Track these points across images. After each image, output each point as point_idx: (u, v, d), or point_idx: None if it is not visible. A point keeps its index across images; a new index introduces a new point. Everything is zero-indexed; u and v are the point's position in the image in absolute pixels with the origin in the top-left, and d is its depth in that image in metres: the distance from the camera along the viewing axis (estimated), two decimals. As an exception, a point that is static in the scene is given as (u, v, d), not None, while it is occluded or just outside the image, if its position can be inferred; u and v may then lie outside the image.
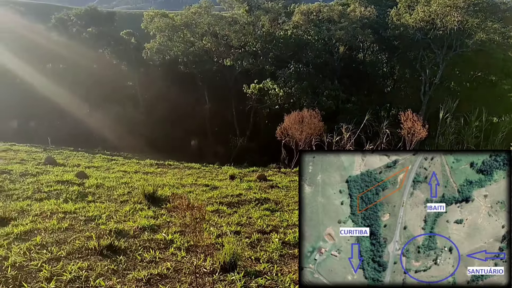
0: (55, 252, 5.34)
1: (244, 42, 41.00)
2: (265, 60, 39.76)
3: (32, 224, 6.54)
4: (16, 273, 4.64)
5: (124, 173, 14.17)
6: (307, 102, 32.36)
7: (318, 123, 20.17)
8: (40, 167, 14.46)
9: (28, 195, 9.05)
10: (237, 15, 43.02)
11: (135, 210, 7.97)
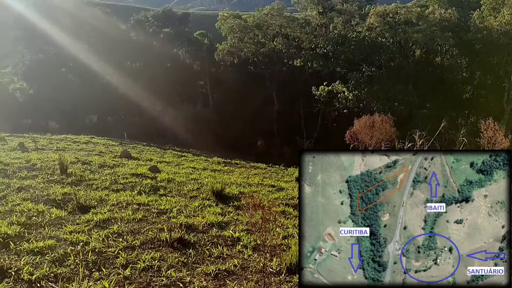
0: (130, 241, 5.55)
1: (315, 44, 40.68)
2: (336, 62, 39.17)
3: (109, 213, 6.86)
4: (96, 258, 4.87)
5: (193, 170, 14.56)
6: (378, 107, 31.39)
7: (390, 128, 19.46)
8: (116, 160, 15.21)
9: (106, 185, 9.54)
10: (309, 17, 42.79)
11: (204, 206, 8.10)
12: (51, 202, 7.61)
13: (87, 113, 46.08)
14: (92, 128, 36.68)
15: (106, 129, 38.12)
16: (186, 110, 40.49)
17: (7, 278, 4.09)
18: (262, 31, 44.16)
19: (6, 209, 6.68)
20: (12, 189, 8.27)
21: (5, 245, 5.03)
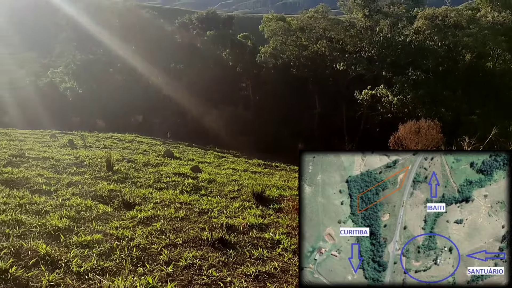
0: (172, 238, 5.64)
1: (359, 47, 40.09)
2: (381, 66, 38.42)
3: (153, 211, 7.00)
4: (140, 253, 4.97)
5: (233, 171, 14.65)
6: (424, 112, 30.50)
7: (436, 135, 18.88)
8: (159, 159, 15.54)
9: (150, 184, 9.76)
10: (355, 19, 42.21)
11: (244, 208, 8.12)
12: (98, 198, 7.86)
13: (132, 112, 47.41)
14: (136, 127, 37.72)
15: (150, 128, 39.06)
16: (227, 111, 40.87)
17: (58, 269, 4.24)
18: (305, 33, 43.97)
19: (57, 203, 6.94)
20: (62, 184, 8.60)
21: (56, 237, 5.22)
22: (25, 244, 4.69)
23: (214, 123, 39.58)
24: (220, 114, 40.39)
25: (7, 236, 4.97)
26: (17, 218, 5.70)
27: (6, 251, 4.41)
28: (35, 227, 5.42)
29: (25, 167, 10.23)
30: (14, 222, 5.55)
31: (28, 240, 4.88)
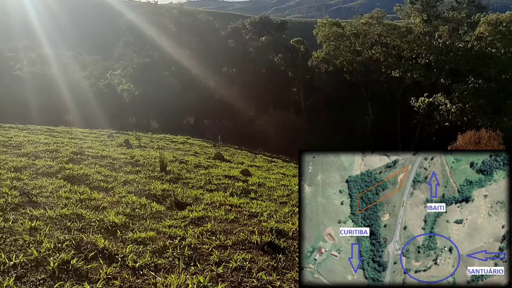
0: (222, 240, 5.70)
1: (416, 53, 38.92)
2: (439, 73, 37.06)
3: (204, 212, 7.12)
4: (191, 253, 5.07)
5: (283, 176, 14.63)
6: (484, 122, 29.08)
7: (498, 146, 17.97)
8: (210, 161, 15.81)
9: (201, 185, 9.94)
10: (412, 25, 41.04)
11: (294, 213, 8.07)
12: (152, 197, 8.10)
13: (185, 114, 48.57)
14: (188, 129, 38.64)
15: (201, 131, 39.92)
16: (278, 116, 40.98)
17: (115, 263, 4.40)
18: (360, 39, 43.27)
19: (114, 200, 7.21)
20: (118, 182, 8.94)
21: (113, 232, 5.43)
22: (85, 237, 4.91)
23: (264, 127, 39.78)
24: (270, 119, 40.55)
25: (69, 229, 5.23)
26: (77, 212, 5.98)
27: (68, 243, 4.63)
28: (94, 222, 5.66)
29: (85, 164, 10.71)
30: (75, 216, 5.82)
31: (87, 234, 5.10)
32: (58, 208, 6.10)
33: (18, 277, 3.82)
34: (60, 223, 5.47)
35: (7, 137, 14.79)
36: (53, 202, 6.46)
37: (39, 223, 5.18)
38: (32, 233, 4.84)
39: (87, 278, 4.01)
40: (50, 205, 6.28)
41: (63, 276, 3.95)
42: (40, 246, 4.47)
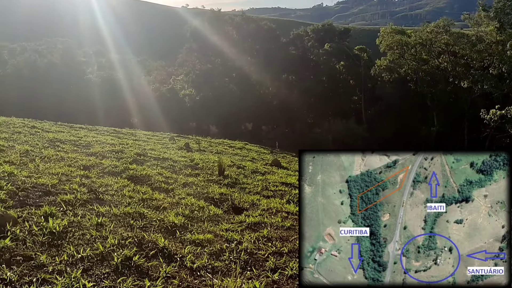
0: (278, 247, 5.68)
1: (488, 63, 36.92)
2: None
3: (260, 218, 7.13)
4: (247, 258, 5.09)
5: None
6: None
7: None
8: (267, 167, 15.84)
9: (258, 191, 9.98)
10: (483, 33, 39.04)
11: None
12: (209, 200, 8.23)
13: (243, 120, 49.18)
14: (246, 135, 39.07)
15: (259, 137, 40.20)
16: (338, 124, 40.40)
17: (174, 262, 4.51)
18: (426, 47, 41.79)
19: (174, 201, 7.41)
20: (178, 184, 9.18)
21: (172, 232, 5.58)
22: (146, 236, 5.08)
23: (323, 135, 39.36)
24: (329, 127, 40.04)
25: (132, 227, 5.43)
26: (140, 211, 6.21)
27: (130, 241, 4.82)
28: (155, 221, 5.85)
29: (147, 165, 11.11)
30: (137, 215, 6.04)
31: (149, 233, 5.27)
32: (122, 206, 6.36)
33: (85, 269, 4.01)
34: (124, 220, 5.70)
35: (77, 136, 15.68)
36: (118, 200, 6.75)
37: (104, 220, 5.42)
38: (98, 229, 5.08)
39: (147, 275, 4.14)
40: (115, 203, 6.57)
41: (126, 272, 4.10)
42: (105, 241, 4.68)
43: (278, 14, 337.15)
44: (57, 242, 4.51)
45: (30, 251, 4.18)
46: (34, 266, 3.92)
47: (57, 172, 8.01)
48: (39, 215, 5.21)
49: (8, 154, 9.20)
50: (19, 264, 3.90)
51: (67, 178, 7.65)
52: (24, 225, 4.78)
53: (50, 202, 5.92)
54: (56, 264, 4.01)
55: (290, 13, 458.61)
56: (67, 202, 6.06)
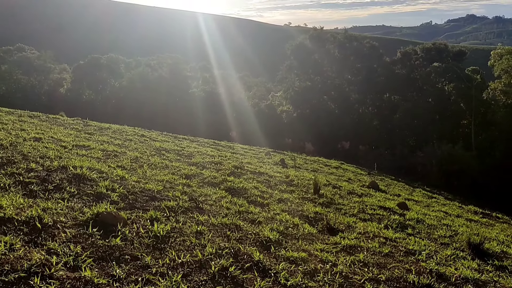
0: (375, 273, 5.42)
1: None
2: None
3: (356, 241, 6.88)
4: (342, 281, 4.92)
5: (445, 214, 13.38)
6: None
7: None
8: (364, 189, 15.32)
9: (354, 212, 9.67)
10: None
11: (457, 257, 7.28)
12: (304, 218, 8.14)
13: (340, 139, 48.38)
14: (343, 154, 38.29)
15: (356, 157, 39.15)
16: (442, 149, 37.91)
17: (268, 277, 4.50)
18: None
19: (268, 216, 7.45)
20: (274, 199, 9.23)
21: (267, 247, 5.59)
22: (242, 248, 5.14)
23: (425, 159, 37.20)
24: (433, 151, 37.71)
25: (228, 238, 5.54)
26: (236, 223, 6.32)
27: (227, 251, 4.91)
28: (251, 235, 5.91)
29: (244, 178, 11.35)
30: (234, 226, 6.16)
31: (244, 245, 5.33)
32: (220, 216, 6.54)
33: (185, 274, 4.16)
34: (221, 230, 5.84)
35: (180, 147, 16.58)
36: (216, 211, 6.96)
37: (203, 228, 5.61)
38: (197, 237, 5.26)
39: (242, 287, 4.17)
40: (213, 212, 6.78)
41: (222, 281, 4.17)
42: (204, 249, 4.83)
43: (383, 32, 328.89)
44: (161, 246, 4.75)
45: (136, 251, 4.45)
46: (139, 266, 4.16)
47: (162, 179, 8.49)
48: (145, 219, 5.54)
49: (120, 160, 9.98)
50: (127, 263, 4.16)
51: (171, 186, 8.08)
52: (132, 226, 5.12)
53: (155, 207, 6.28)
54: (159, 266, 4.22)
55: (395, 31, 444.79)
56: (170, 208, 6.38)
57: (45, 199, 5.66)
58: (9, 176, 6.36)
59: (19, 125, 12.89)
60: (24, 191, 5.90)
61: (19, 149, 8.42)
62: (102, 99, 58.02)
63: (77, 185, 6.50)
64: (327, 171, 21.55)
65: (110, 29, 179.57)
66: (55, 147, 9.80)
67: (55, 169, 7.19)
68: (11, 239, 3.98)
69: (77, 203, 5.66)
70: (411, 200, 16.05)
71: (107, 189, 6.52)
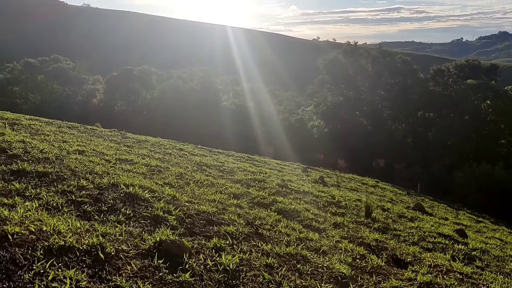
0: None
1: None
2: None
3: (431, 276, 6.21)
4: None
5: (501, 242, 12.45)
6: None
7: None
8: (411, 211, 14.54)
9: (415, 240, 8.97)
10: None
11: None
12: (365, 246, 7.50)
13: (374, 156, 47.29)
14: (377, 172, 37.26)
15: (390, 175, 38.00)
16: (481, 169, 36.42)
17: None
18: None
19: (331, 244, 6.87)
20: (329, 224, 8.64)
21: (344, 284, 5.01)
22: (318, 285, 4.59)
23: (463, 179, 35.76)
24: (471, 171, 36.26)
25: (300, 273, 5.00)
26: (301, 253, 5.78)
27: (306, 291, 4.36)
28: (321, 268, 5.35)
29: (290, 198, 10.80)
30: (301, 257, 5.62)
31: (319, 282, 4.78)
32: (283, 245, 6.00)
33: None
34: (289, 262, 5.30)
35: (219, 161, 16.16)
36: (276, 237, 6.42)
37: (272, 261, 5.08)
38: (269, 271, 4.73)
39: None
40: (274, 240, 6.24)
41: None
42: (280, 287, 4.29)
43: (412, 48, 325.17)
44: (233, 282, 4.24)
45: (210, 290, 3.95)
46: (217, 309, 3.65)
47: (212, 198, 8.03)
48: (209, 248, 5.05)
49: (166, 176, 9.59)
50: (203, 306, 3.66)
51: (223, 207, 7.59)
52: (198, 257, 4.63)
53: (216, 233, 5.79)
54: (238, 310, 3.70)
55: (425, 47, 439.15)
56: (231, 234, 5.88)
57: (100, 221, 5.25)
58: (61, 195, 6.00)
59: (60, 137, 12.72)
60: (78, 211, 5.50)
61: (65, 163, 8.12)
62: (133, 110, 58.63)
63: (132, 206, 6.08)
64: (366, 189, 20.74)
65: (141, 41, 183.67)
66: (100, 161, 9.50)
67: (105, 186, 6.81)
68: (75, 274, 3.54)
69: (135, 227, 5.22)
70: (460, 225, 15.13)
71: (163, 211, 6.07)
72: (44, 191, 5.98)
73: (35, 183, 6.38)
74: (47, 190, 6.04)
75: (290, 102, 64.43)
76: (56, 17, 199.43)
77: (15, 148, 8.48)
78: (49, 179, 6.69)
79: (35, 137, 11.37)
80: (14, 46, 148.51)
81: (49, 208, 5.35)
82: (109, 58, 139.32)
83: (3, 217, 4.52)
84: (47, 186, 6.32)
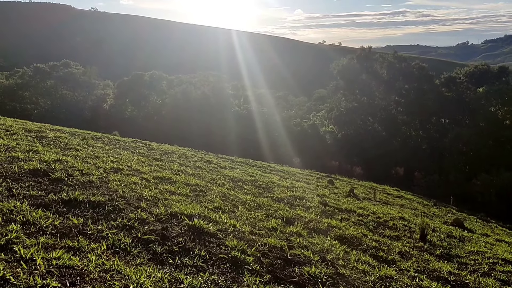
0: None
1: None
2: None
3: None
4: None
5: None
6: None
7: None
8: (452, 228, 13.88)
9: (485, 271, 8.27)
10: None
11: None
12: (443, 281, 6.88)
13: (392, 164, 46.54)
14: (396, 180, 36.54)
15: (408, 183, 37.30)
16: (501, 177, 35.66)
17: None
18: None
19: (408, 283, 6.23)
20: (394, 252, 8.00)
21: None
22: None
23: (483, 188, 35.01)
24: (491, 179, 35.51)
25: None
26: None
27: None
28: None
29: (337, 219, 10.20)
30: None
31: None
32: None
33: None
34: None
35: (249, 175, 15.55)
36: (358, 278, 5.79)
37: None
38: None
39: None
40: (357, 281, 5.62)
41: None
42: None
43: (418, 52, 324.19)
44: None
45: None
46: None
47: (270, 226, 7.43)
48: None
49: (210, 197, 9.01)
50: None
51: (286, 237, 6.97)
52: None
53: (299, 276, 5.17)
54: None
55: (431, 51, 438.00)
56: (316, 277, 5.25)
57: (176, 267, 4.64)
58: (124, 231, 5.40)
59: (91, 151, 12.15)
60: (148, 253, 4.90)
61: (112, 187, 7.54)
62: (144, 115, 58.19)
63: (202, 244, 5.47)
64: (393, 201, 20.11)
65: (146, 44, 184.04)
66: (140, 181, 8.94)
67: (166, 218, 6.22)
68: None
69: (218, 275, 4.60)
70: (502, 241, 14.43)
71: (238, 251, 5.45)
72: (105, 227, 5.39)
73: (91, 215, 5.80)
74: (107, 226, 5.45)
75: (301, 107, 63.83)
76: (64, 21, 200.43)
77: (56, 170, 7.91)
78: (105, 210, 6.11)
79: (67, 153, 10.83)
80: (24, 50, 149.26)
81: (117, 251, 4.76)
82: (115, 60, 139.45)
83: (78, 269, 3.94)
84: (105, 219, 5.73)
